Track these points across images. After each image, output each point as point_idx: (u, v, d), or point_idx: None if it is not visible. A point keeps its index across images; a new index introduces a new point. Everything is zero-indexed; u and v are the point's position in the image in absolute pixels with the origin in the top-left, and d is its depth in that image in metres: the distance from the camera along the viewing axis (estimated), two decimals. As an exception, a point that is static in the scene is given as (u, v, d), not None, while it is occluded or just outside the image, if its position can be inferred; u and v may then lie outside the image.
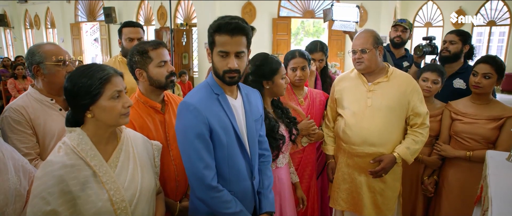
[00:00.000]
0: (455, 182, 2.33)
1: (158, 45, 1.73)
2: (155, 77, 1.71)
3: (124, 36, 2.61)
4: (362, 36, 2.15)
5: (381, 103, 2.11)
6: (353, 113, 2.17)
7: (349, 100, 2.21)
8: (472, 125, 2.26)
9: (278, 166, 2.01)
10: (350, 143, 2.17)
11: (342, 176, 2.26)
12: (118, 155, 1.37)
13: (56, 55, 1.74)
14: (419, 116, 2.14)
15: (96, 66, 1.31)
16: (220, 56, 1.44)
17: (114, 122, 1.32)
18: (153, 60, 1.70)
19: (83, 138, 1.30)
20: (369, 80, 2.19)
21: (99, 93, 1.27)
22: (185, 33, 9.65)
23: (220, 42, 1.43)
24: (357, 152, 2.15)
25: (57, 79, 1.75)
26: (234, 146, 1.51)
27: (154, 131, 1.73)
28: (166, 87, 1.77)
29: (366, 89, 2.17)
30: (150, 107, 1.76)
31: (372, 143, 2.11)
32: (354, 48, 2.17)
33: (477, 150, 2.23)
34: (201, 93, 1.50)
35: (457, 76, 2.69)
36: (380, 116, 2.10)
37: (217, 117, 1.46)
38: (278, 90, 1.96)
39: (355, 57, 2.17)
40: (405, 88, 2.13)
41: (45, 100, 1.76)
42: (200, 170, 1.43)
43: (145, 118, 1.72)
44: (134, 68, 1.73)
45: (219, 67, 1.46)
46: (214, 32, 1.43)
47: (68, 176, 1.21)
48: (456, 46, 2.68)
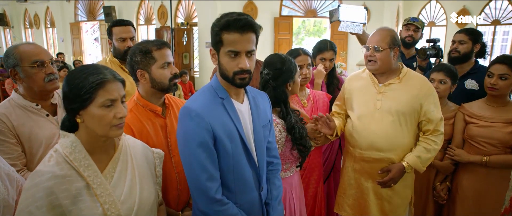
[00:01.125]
0: (470, 189, 2.22)
1: (162, 45, 1.63)
2: (158, 79, 1.60)
3: (115, 36, 2.45)
4: (379, 33, 2.04)
5: (390, 106, 2.00)
6: (361, 115, 2.06)
7: (358, 102, 2.11)
8: (488, 129, 2.15)
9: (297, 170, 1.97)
10: (357, 147, 2.06)
11: (348, 181, 2.16)
12: (114, 165, 1.26)
13: (33, 56, 1.58)
14: (431, 122, 2.00)
15: (93, 68, 1.19)
16: (229, 57, 1.32)
17: (104, 133, 1.20)
18: (157, 61, 1.59)
19: (77, 145, 1.19)
20: (381, 81, 2.07)
21: (90, 99, 1.15)
22: (186, 32, 9.55)
23: (229, 41, 1.30)
24: (364, 156, 2.05)
25: (35, 83, 1.59)
26: (240, 155, 1.40)
27: (154, 136, 1.62)
28: (169, 90, 1.67)
29: (376, 91, 2.06)
30: (150, 111, 1.65)
31: (379, 148, 2.00)
32: (368, 44, 2.06)
33: (493, 155, 2.12)
34: (204, 97, 1.38)
35: (468, 77, 2.57)
36: (389, 120, 1.99)
37: (222, 123, 1.35)
38: (296, 89, 1.93)
39: (368, 54, 2.05)
40: (418, 92, 2.00)
41: (30, 106, 1.61)
42: (203, 181, 1.32)
43: (145, 122, 1.62)
44: (135, 69, 1.62)
45: (229, 68, 1.34)
46: (221, 30, 1.30)
47: (59, 188, 1.10)
48: (466, 46, 2.56)
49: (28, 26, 16.07)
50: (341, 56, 9.20)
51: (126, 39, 2.44)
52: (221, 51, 1.33)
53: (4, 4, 15.79)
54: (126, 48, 2.41)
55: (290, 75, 1.84)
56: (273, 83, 1.82)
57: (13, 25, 16.30)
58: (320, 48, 2.63)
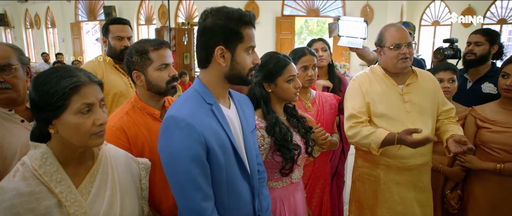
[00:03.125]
0: (482, 198, 2.08)
1: (160, 45, 1.51)
2: (154, 81, 1.50)
3: (111, 34, 2.35)
4: (403, 29, 1.93)
5: (420, 106, 1.94)
6: (393, 121, 1.91)
7: (386, 107, 1.94)
8: (502, 134, 2.00)
9: (294, 181, 1.74)
10: (399, 157, 1.91)
11: (392, 198, 1.97)
12: (92, 178, 1.12)
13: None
14: (451, 111, 2.02)
15: (65, 71, 1.05)
16: (248, 53, 1.24)
17: (82, 143, 1.07)
18: (154, 62, 1.48)
19: (48, 157, 1.05)
20: (398, 82, 1.97)
21: (63, 106, 1.01)
22: (187, 32, 9.44)
23: (249, 37, 1.22)
24: (408, 165, 1.92)
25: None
26: (233, 166, 1.25)
27: (150, 142, 1.49)
28: (166, 94, 1.56)
29: (400, 93, 1.95)
30: (147, 114, 1.54)
31: (423, 152, 1.91)
32: (399, 42, 1.89)
33: (508, 162, 1.98)
34: (191, 104, 1.22)
35: (486, 80, 2.43)
36: (421, 120, 1.92)
37: (214, 133, 1.20)
38: (285, 95, 1.68)
39: (403, 51, 1.89)
40: (433, 85, 2.00)
41: (1, 111, 1.43)
42: (197, 202, 1.16)
43: (141, 127, 1.50)
44: (131, 69, 1.51)
45: (246, 66, 1.23)
46: (243, 26, 1.19)
47: (24, 207, 0.97)
48: (483, 48, 2.42)
49: (29, 26, 16.03)
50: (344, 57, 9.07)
51: (123, 38, 2.35)
52: (239, 48, 1.21)
53: (5, 4, 15.75)
54: (122, 47, 2.34)
55: (268, 75, 1.67)
56: (254, 79, 1.65)
57: (14, 26, 16.26)
58: (309, 44, 2.55)
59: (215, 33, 1.19)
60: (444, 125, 1.99)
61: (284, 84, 1.66)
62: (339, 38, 2.58)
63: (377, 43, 2.01)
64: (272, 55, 1.71)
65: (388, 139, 1.79)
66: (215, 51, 1.19)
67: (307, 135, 1.75)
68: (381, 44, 1.97)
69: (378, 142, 1.81)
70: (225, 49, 1.20)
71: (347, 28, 2.55)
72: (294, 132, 1.72)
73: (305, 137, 1.74)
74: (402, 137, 1.72)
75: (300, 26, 15.98)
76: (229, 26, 1.18)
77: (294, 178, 1.74)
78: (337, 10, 9.32)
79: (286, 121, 1.75)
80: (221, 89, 1.29)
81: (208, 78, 1.27)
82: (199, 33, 1.23)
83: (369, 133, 1.85)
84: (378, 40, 2.00)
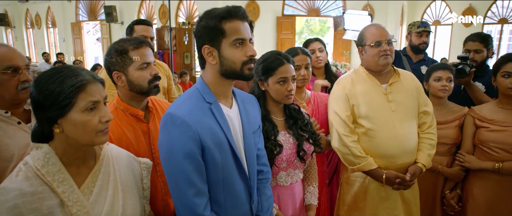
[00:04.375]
0: (482, 198, 2.09)
1: (140, 44, 1.50)
2: (135, 81, 1.48)
3: (136, 34, 2.45)
4: (382, 28, 1.95)
5: (404, 106, 1.93)
6: (380, 121, 1.91)
7: (370, 108, 1.93)
8: (501, 133, 2.02)
9: (280, 183, 1.71)
10: (388, 156, 1.90)
11: (379, 194, 1.98)
12: (94, 178, 1.14)
13: (5, 61, 1.40)
14: (428, 114, 2.00)
15: (69, 70, 1.07)
16: (235, 47, 1.22)
17: (88, 141, 1.08)
18: (134, 62, 1.47)
19: (50, 157, 1.07)
20: (381, 82, 1.97)
21: (70, 104, 1.03)
22: (187, 32, 9.44)
23: (233, 30, 1.21)
24: (397, 164, 1.91)
25: (6, 91, 1.41)
26: (230, 165, 1.27)
27: (136, 143, 1.50)
28: (149, 93, 1.54)
29: (384, 92, 1.94)
30: (131, 115, 1.53)
31: (410, 150, 1.92)
32: (379, 39, 1.90)
33: (507, 161, 1.99)
34: (190, 102, 1.25)
35: (476, 80, 2.47)
36: (407, 120, 1.93)
37: (210, 131, 1.22)
38: (275, 96, 1.68)
39: (383, 48, 1.89)
40: (415, 85, 2.01)
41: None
42: (190, 197, 1.19)
43: (125, 128, 1.49)
44: (111, 70, 1.49)
45: (236, 60, 1.23)
46: (221, 20, 1.20)
47: (27, 207, 0.98)
48: (482, 55, 2.51)
49: (30, 26, 16.04)
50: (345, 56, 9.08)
51: (147, 38, 2.43)
52: (224, 44, 1.22)
53: (6, 4, 15.77)
54: None
55: (260, 73, 1.67)
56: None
57: (14, 25, 16.28)
58: (305, 44, 2.53)
59: (201, 34, 1.24)
60: (419, 138, 1.99)
61: (275, 85, 1.65)
62: (345, 32, 2.59)
63: (358, 43, 2.02)
64: (271, 54, 1.71)
65: (375, 173, 1.91)
66: (203, 51, 1.24)
67: (302, 139, 1.71)
68: (362, 43, 1.98)
69: (363, 169, 1.90)
70: (211, 47, 1.23)
71: (353, 22, 2.56)
72: (286, 132, 1.71)
73: (299, 139, 1.70)
74: (391, 178, 1.87)
75: (301, 26, 15.97)
76: (210, 25, 1.21)
77: (281, 181, 1.71)
78: (337, 10, 9.32)
79: (283, 121, 1.75)
80: (222, 87, 1.30)
81: (207, 78, 1.30)
82: (195, 38, 1.28)
83: (360, 155, 1.89)
84: (359, 40, 2.01)
